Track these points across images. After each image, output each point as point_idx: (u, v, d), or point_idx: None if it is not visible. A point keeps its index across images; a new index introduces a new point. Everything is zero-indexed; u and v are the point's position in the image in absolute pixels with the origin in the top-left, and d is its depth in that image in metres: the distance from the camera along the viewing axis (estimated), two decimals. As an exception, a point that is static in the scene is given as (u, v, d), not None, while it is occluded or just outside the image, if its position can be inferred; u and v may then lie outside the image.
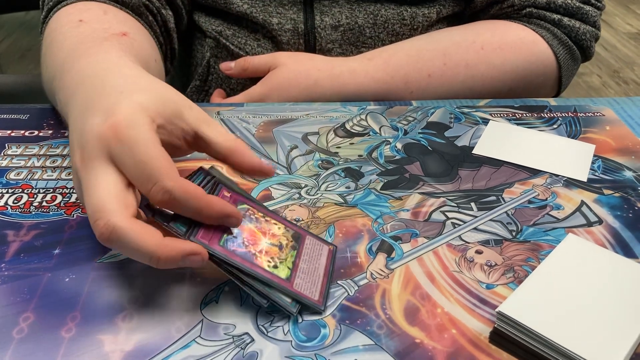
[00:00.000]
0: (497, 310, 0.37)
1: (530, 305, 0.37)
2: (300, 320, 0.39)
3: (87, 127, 0.38)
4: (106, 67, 0.44)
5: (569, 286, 0.39)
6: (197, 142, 0.41)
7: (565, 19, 0.69)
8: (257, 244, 0.40)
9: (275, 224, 0.43)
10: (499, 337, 0.38)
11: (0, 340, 0.37)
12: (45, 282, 0.41)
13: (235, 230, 0.40)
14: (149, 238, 0.35)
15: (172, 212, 0.38)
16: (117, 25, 0.55)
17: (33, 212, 0.48)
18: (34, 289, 0.41)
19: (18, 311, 0.39)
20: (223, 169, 0.47)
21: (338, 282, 0.42)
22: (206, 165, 0.44)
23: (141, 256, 0.35)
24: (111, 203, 0.35)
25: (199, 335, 0.38)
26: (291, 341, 0.38)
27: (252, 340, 0.38)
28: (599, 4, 0.70)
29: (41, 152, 0.55)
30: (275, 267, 0.40)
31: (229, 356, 0.37)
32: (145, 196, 0.37)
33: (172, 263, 0.36)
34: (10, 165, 0.53)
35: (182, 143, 0.41)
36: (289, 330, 0.38)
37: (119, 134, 0.36)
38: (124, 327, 0.38)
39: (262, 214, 0.43)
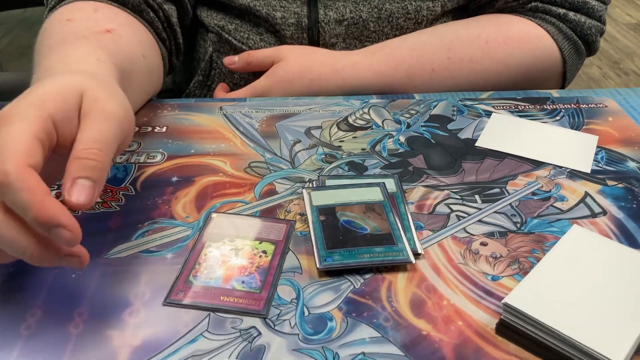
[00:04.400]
0: (503, 301, 0.37)
1: (537, 296, 0.38)
2: (307, 313, 0.39)
3: None
4: (62, 64, 0.45)
5: (574, 277, 0.39)
6: None
7: (571, 14, 0.68)
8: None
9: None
10: (505, 329, 0.38)
11: (8, 337, 0.37)
12: (51, 278, 0.41)
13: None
14: (35, 192, 0.33)
15: None
16: (103, 22, 0.55)
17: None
18: (41, 286, 0.41)
19: (25, 307, 0.39)
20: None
21: (344, 275, 0.42)
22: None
23: (20, 207, 0.33)
24: (15, 149, 0.34)
25: (206, 330, 0.38)
26: (298, 334, 0.38)
27: (259, 333, 0.38)
28: None
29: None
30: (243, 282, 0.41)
31: (236, 350, 0.37)
32: None
33: (42, 224, 0.33)
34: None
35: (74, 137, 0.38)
36: (295, 323, 0.39)
37: (7, 117, 0.36)
38: (131, 323, 0.38)
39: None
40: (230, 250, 0.44)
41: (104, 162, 0.36)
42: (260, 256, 0.43)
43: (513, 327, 0.37)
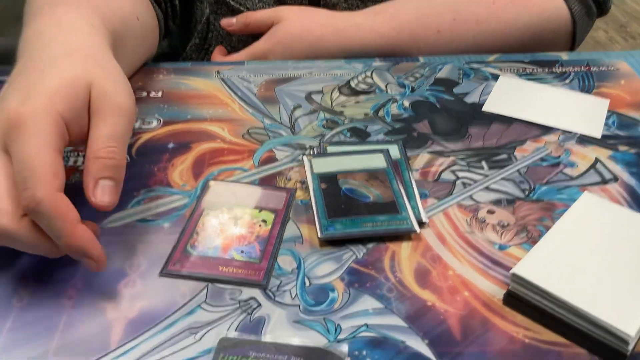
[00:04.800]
0: (511, 272, 0.36)
1: (546, 266, 0.36)
2: (308, 284, 0.38)
3: (3, 105, 0.36)
4: (54, 32, 0.43)
5: (585, 246, 0.38)
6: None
7: None
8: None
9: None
10: (513, 299, 0.37)
11: (0, 309, 0.36)
12: (44, 248, 0.40)
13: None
14: (67, 221, 0.34)
15: None
16: None
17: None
18: (33, 257, 0.39)
19: (18, 279, 0.38)
20: None
21: (346, 245, 0.41)
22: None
23: (51, 233, 0.34)
24: (44, 173, 0.33)
25: (204, 301, 0.37)
26: (299, 305, 0.37)
27: (259, 305, 0.37)
28: None
29: None
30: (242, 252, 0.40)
31: (235, 322, 0.36)
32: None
33: (72, 252, 0.35)
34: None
35: (85, 131, 0.38)
36: (296, 294, 0.37)
37: (20, 126, 0.34)
38: (127, 294, 0.37)
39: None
40: (228, 219, 0.42)
41: (122, 159, 0.37)
42: (260, 225, 0.42)
43: (521, 298, 0.36)
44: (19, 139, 0.34)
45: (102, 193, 0.36)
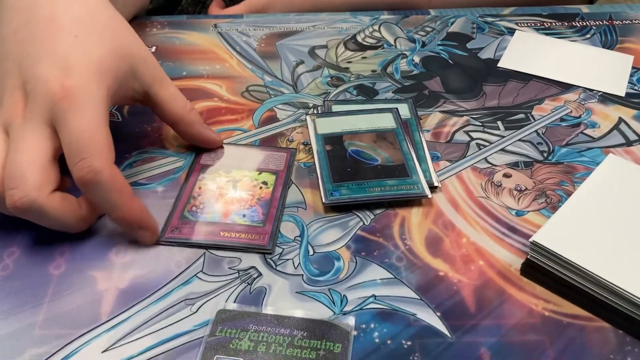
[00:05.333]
0: (530, 240, 0.33)
1: (568, 233, 0.34)
2: (311, 252, 0.36)
3: (37, 73, 0.34)
4: None
5: (609, 212, 0.35)
6: (147, 100, 0.39)
7: None
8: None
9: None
10: (531, 269, 0.34)
11: (-17, 278, 0.34)
12: (30, 214, 0.38)
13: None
14: (69, 214, 0.34)
15: None
16: None
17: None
18: (18, 222, 0.37)
19: (1, 246, 0.36)
20: None
21: (353, 211, 0.38)
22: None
23: (106, 205, 0.34)
24: (33, 176, 0.32)
25: (201, 270, 0.35)
26: (302, 275, 0.34)
27: (260, 274, 0.34)
28: None
29: None
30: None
31: (234, 292, 0.33)
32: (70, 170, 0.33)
33: (127, 225, 0.35)
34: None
35: (130, 101, 0.39)
36: (299, 263, 0.35)
37: (70, 99, 0.33)
38: (118, 263, 0.35)
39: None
40: (227, 183, 0.40)
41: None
42: (261, 187, 0.39)
43: (541, 268, 0.34)
44: (71, 113, 0.33)
45: (210, 131, 0.42)
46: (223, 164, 0.41)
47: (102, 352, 0.30)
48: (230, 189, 0.39)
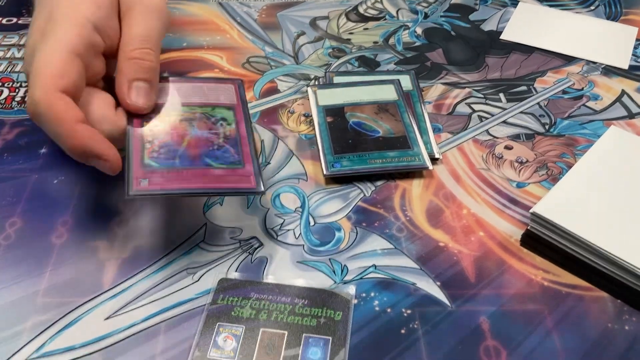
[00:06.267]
0: (531, 211, 0.33)
1: (568, 205, 0.34)
2: (312, 223, 0.36)
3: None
4: None
5: (610, 184, 0.35)
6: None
7: None
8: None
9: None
10: (531, 240, 0.34)
11: (-14, 247, 0.34)
12: (32, 184, 0.38)
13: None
14: (64, 121, 0.31)
15: None
16: None
17: (15, 108, 0.43)
18: (20, 192, 0.37)
19: (3, 216, 0.36)
20: None
21: (354, 182, 0.38)
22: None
23: (54, 137, 0.32)
24: (45, 74, 0.31)
25: (203, 240, 0.35)
26: (303, 245, 0.35)
27: (261, 244, 0.35)
28: None
29: (22, 42, 0.50)
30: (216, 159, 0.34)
31: (236, 262, 0.34)
32: None
33: (79, 156, 0.32)
34: (-13, 56, 0.48)
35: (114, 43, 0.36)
36: (300, 233, 0.35)
37: (45, 34, 0.33)
38: (120, 233, 0.35)
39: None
40: (181, 122, 0.36)
41: (157, 61, 0.35)
42: (222, 124, 0.37)
43: (541, 239, 0.34)
44: (38, 48, 0.33)
45: (136, 94, 0.34)
46: (167, 100, 0.37)
47: (105, 319, 0.31)
48: (188, 127, 0.36)
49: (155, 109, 0.36)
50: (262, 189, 0.33)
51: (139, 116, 0.35)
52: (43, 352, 0.29)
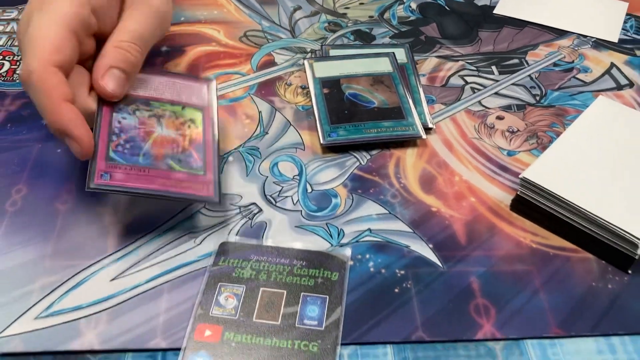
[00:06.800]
0: (520, 176, 0.35)
1: (556, 171, 0.35)
2: (310, 190, 0.37)
3: None
4: None
5: (597, 151, 0.36)
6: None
7: None
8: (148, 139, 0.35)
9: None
10: (521, 205, 0.36)
11: (-7, 214, 0.35)
12: (35, 153, 0.39)
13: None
14: (52, 97, 0.31)
15: None
16: None
17: (17, 81, 0.44)
18: (25, 161, 0.38)
19: (9, 183, 0.37)
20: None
21: (350, 151, 0.39)
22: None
23: (37, 108, 0.32)
24: (43, 46, 0.32)
25: (204, 206, 0.36)
26: (301, 211, 0.36)
27: (260, 210, 0.36)
28: None
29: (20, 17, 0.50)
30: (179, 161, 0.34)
31: (236, 227, 0.35)
32: None
33: (55, 131, 0.32)
34: (-13, 31, 0.49)
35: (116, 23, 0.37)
36: (298, 200, 0.36)
37: (41, 7, 0.34)
38: (123, 200, 0.36)
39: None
40: (149, 117, 0.36)
41: (140, 59, 0.36)
42: (190, 126, 0.36)
43: (530, 203, 0.35)
44: (35, 17, 0.33)
45: (109, 79, 0.34)
46: (139, 93, 0.37)
47: (111, 280, 0.32)
48: (156, 125, 0.36)
49: (126, 100, 0.36)
50: (218, 200, 0.33)
51: (109, 104, 0.35)
52: (52, 311, 0.30)
